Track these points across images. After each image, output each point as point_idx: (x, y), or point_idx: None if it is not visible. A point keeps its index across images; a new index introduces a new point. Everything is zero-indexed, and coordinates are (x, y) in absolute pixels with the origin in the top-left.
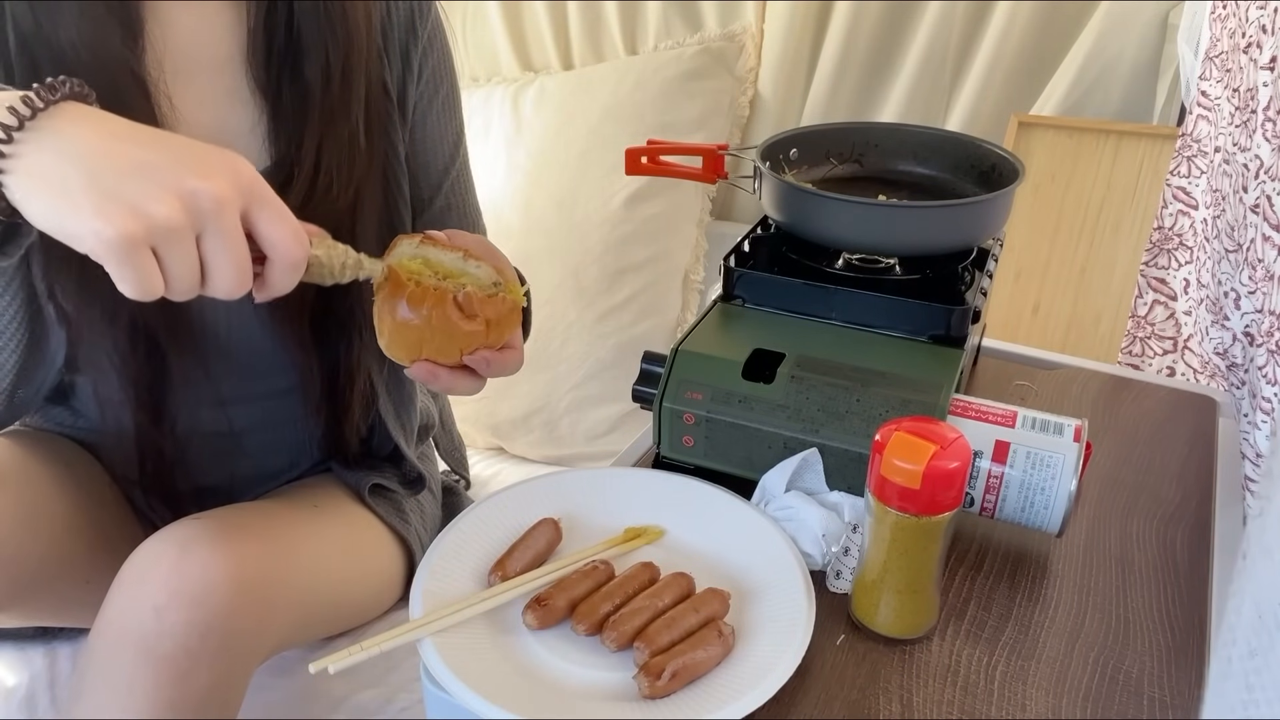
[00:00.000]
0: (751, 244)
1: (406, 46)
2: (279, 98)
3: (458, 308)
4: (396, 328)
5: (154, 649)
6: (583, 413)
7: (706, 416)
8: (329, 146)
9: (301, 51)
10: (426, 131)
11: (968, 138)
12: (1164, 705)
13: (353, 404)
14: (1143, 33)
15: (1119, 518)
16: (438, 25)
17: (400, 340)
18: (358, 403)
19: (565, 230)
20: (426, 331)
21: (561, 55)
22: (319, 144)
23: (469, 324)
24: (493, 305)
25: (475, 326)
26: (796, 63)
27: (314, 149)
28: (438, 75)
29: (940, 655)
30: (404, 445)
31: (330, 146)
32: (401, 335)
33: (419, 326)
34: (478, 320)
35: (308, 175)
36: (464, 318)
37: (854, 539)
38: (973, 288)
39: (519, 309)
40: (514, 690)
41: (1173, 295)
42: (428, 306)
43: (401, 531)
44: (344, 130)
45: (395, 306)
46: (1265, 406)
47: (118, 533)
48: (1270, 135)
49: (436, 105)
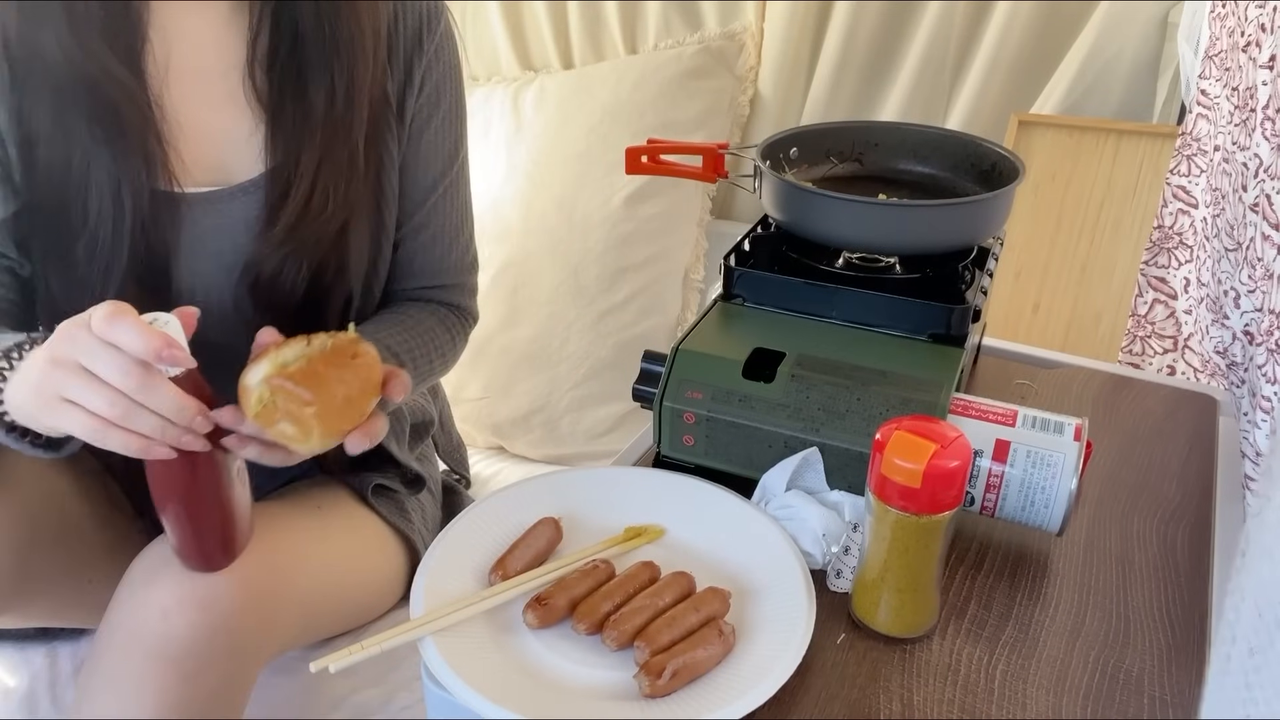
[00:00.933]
0: (752, 243)
1: (410, 58)
2: (279, 108)
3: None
4: (322, 414)
5: (161, 651)
6: (583, 412)
7: (707, 415)
8: (328, 166)
9: (305, 69)
10: (421, 146)
11: (968, 137)
12: (1164, 704)
13: None
14: (1142, 32)
15: (1119, 516)
16: (446, 38)
17: (330, 422)
18: None
19: (565, 229)
20: (347, 402)
21: (562, 54)
22: (318, 164)
23: (358, 361)
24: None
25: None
26: (797, 62)
27: (312, 168)
28: (440, 90)
29: (941, 654)
30: (395, 450)
31: (329, 166)
32: (329, 417)
33: (340, 399)
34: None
35: (304, 195)
36: (336, 364)
37: (854, 538)
38: (973, 287)
39: (354, 337)
40: (514, 689)
41: (1173, 294)
42: (329, 373)
43: (405, 530)
44: (344, 151)
45: (303, 396)
46: (1265, 405)
47: (118, 534)
48: (1269, 134)
49: (435, 121)
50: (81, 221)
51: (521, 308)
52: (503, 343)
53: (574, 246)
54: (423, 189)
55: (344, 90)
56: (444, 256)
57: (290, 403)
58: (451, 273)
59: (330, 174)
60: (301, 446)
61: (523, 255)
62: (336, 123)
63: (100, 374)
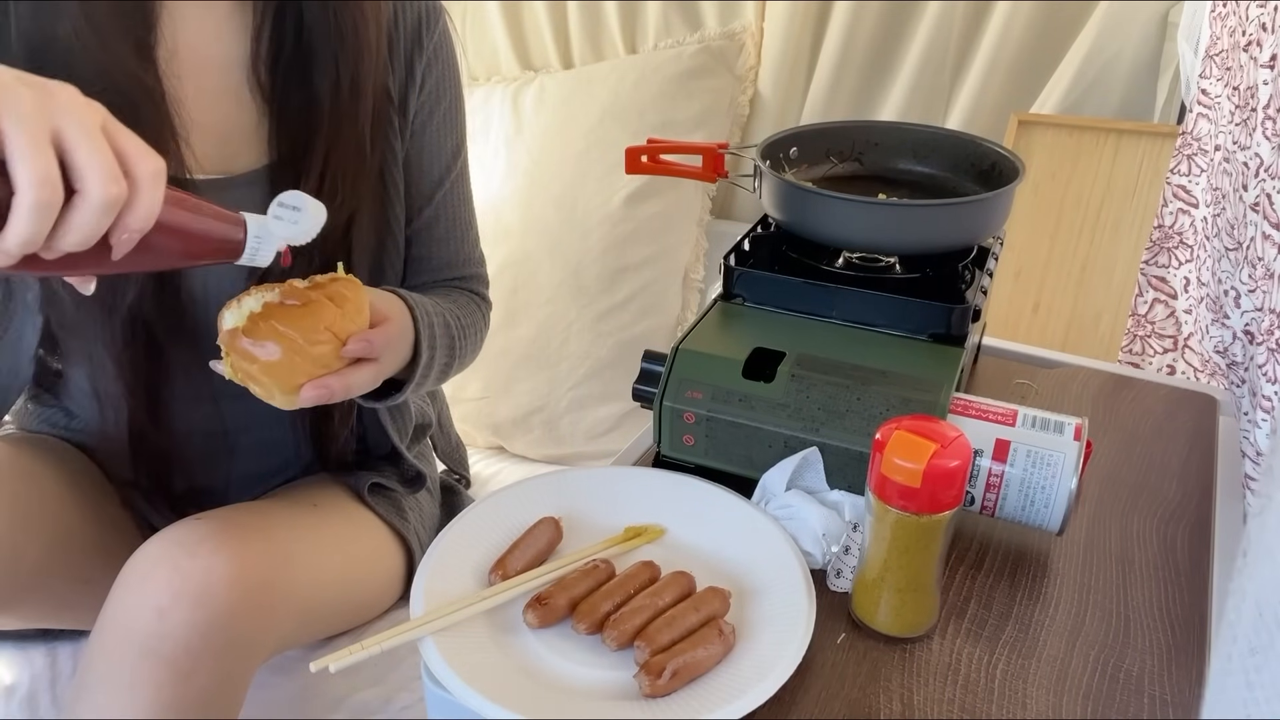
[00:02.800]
0: (752, 243)
1: (411, 56)
2: (285, 101)
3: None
4: (268, 369)
5: (156, 650)
6: (583, 412)
7: (707, 415)
8: (336, 156)
9: (310, 60)
10: (425, 142)
11: (968, 136)
12: (1164, 703)
13: (333, 411)
14: (1143, 31)
15: (1119, 516)
16: (445, 37)
17: (280, 378)
18: (337, 410)
19: (565, 229)
20: (291, 352)
21: (561, 54)
22: (326, 154)
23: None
24: (325, 283)
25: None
26: (796, 61)
27: (321, 158)
28: (440, 87)
29: (941, 654)
30: (399, 444)
31: (337, 156)
32: (276, 372)
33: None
34: (315, 301)
35: (313, 185)
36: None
37: (854, 538)
38: (973, 286)
39: (355, 281)
40: (514, 689)
41: (1173, 293)
42: (274, 325)
43: (401, 530)
44: (351, 141)
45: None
46: (1265, 405)
47: (114, 534)
48: (1270, 133)
49: (437, 117)
50: None
51: (521, 308)
52: (502, 343)
53: (574, 246)
54: (430, 184)
55: (349, 82)
56: (458, 249)
57: (243, 362)
58: (467, 264)
59: (338, 164)
60: (280, 404)
61: (522, 255)
62: (342, 114)
63: (80, 159)
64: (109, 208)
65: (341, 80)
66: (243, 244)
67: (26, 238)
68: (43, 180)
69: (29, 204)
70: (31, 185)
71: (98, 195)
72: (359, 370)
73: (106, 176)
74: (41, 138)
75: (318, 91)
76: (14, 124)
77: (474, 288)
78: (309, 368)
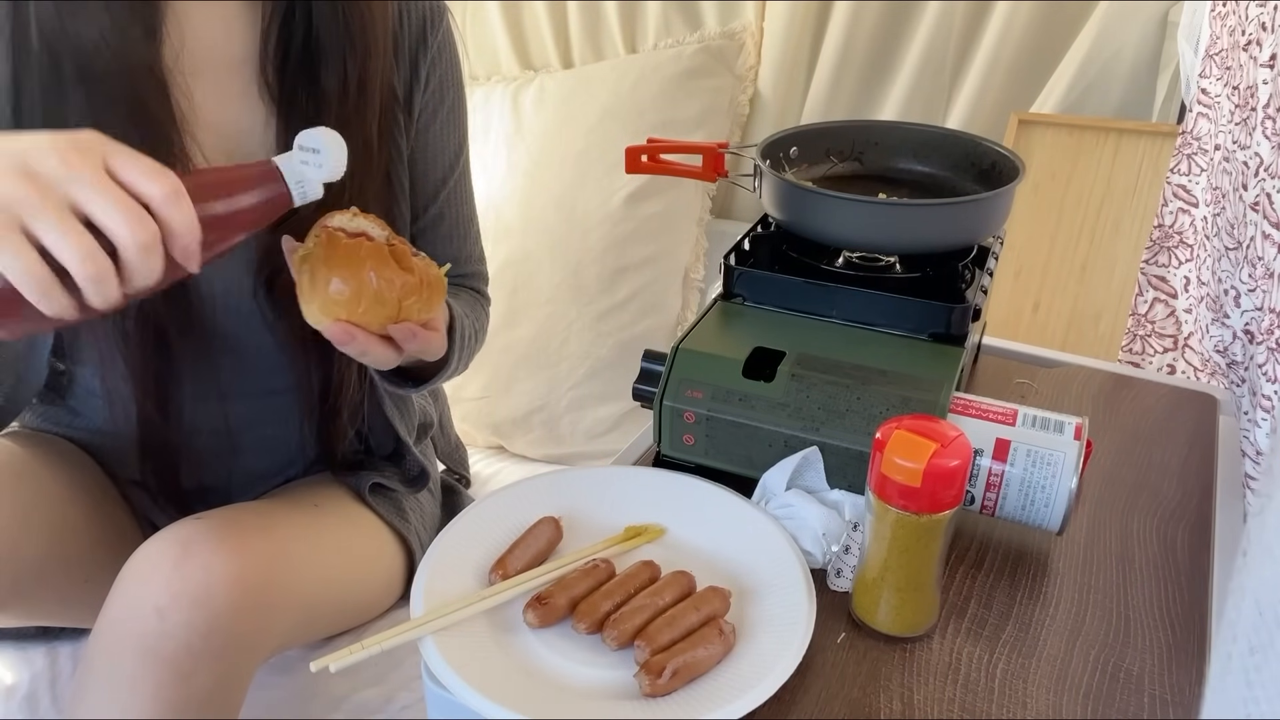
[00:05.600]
0: (752, 242)
1: (416, 54)
2: (293, 101)
3: (393, 259)
4: (329, 290)
5: (156, 649)
6: (583, 411)
7: (707, 415)
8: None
9: (319, 58)
10: (429, 140)
11: (968, 136)
12: (1164, 703)
13: (341, 408)
14: (1142, 30)
15: (1119, 516)
16: (448, 36)
17: (330, 303)
18: (346, 408)
19: (565, 229)
20: (360, 291)
21: (561, 54)
22: None
23: (403, 275)
24: (424, 265)
25: (410, 278)
26: (796, 61)
27: None
28: (445, 86)
29: (941, 653)
30: (407, 437)
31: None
32: (332, 297)
33: (354, 285)
34: (413, 273)
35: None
36: (399, 270)
37: (854, 537)
38: (973, 286)
39: (443, 282)
40: (515, 689)
41: (1173, 293)
42: (364, 260)
43: (402, 530)
44: (358, 138)
45: (329, 265)
46: (1265, 404)
47: (117, 532)
48: (1270, 133)
49: (441, 116)
50: None
51: (521, 307)
52: (502, 342)
53: (573, 246)
54: (435, 182)
55: (356, 81)
56: (461, 247)
57: (322, 258)
58: (469, 261)
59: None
60: (304, 309)
61: (522, 255)
62: (349, 113)
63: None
64: (149, 248)
65: (349, 79)
66: (288, 193)
67: (102, 303)
68: (83, 258)
69: (85, 280)
70: (77, 266)
71: (132, 243)
72: (383, 345)
73: (132, 223)
74: (62, 219)
75: (326, 90)
76: (33, 218)
77: (476, 285)
78: (360, 314)
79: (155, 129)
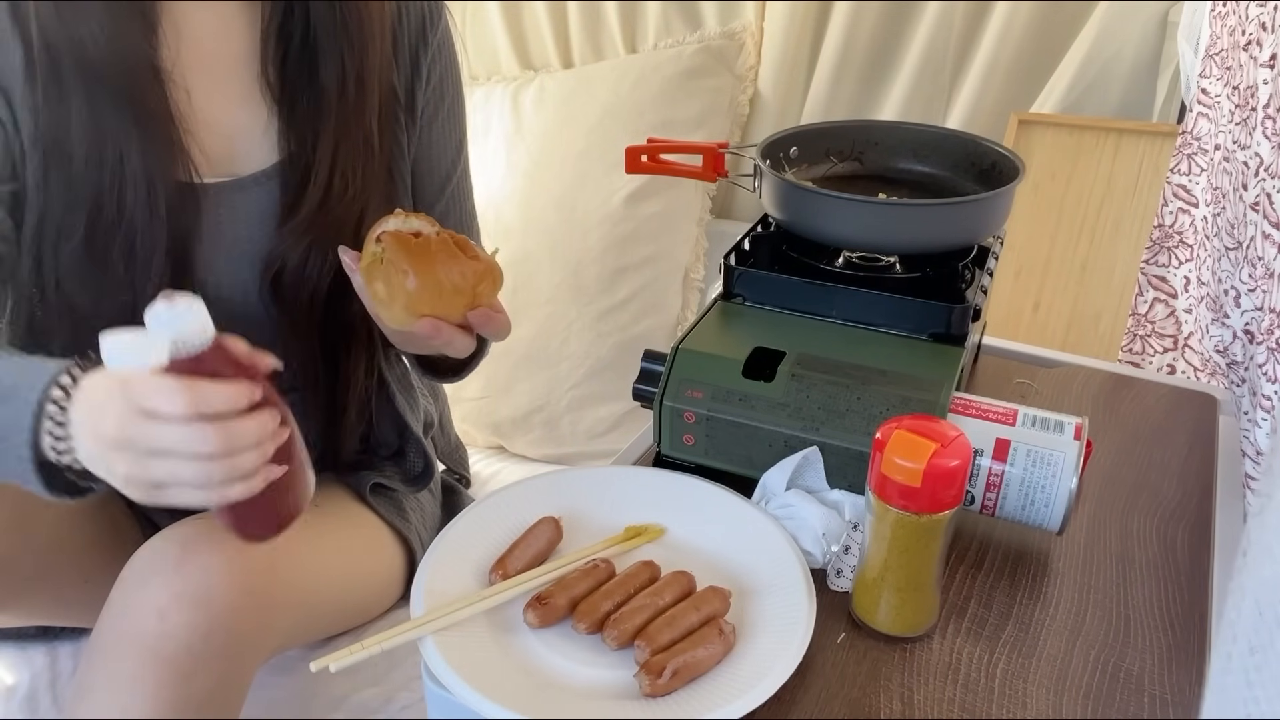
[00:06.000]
0: (752, 242)
1: (416, 52)
2: (293, 99)
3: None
4: (410, 289)
5: (157, 650)
6: (583, 411)
7: (707, 415)
8: (345, 150)
9: (317, 56)
10: (431, 138)
11: (968, 136)
12: (1164, 703)
13: (349, 406)
14: (1142, 30)
15: (1119, 515)
16: (447, 34)
17: (414, 301)
18: (354, 405)
19: (565, 229)
20: (439, 285)
21: (561, 54)
22: (335, 148)
23: (472, 264)
24: (484, 256)
25: (479, 264)
26: (796, 61)
27: (330, 153)
28: (445, 83)
29: (941, 653)
30: (417, 428)
31: (346, 150)
32: (415, 296)
33: (432, 280)
34: (480, 261)
35: (324, 180)
36: (467, 259)
37: (854, 537)
38: (973, 286)
39: (500, 266)
40: (515, 688)
41: (1173, 293)
42: (435, 255)
43: (402, 530)
44: (359, 135)
45: (404, 266)
46: (1265, 404)
47: (116, 532)
48: (1270, 133)
49: (442, 113)
50: (116, 217)
51: (521, 307)
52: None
53: (573, 246)
54: (438, 179)
55: (355, 78)
56: None
57: (396, 261)
58: None
59: (348, 157)
60: (385, 312)
61: (522, 255)
62: (349, 108)
63: (179, 452)
64: (232, 471)
65: (348, 76)
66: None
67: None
68: (207, 489)
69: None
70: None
71: (205, 477)
72: (463, 333)
73: (197, 469)
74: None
75: (325, 88)
76: (139, 494)
77: None
78: (444, 307)
79: (154, 128)
